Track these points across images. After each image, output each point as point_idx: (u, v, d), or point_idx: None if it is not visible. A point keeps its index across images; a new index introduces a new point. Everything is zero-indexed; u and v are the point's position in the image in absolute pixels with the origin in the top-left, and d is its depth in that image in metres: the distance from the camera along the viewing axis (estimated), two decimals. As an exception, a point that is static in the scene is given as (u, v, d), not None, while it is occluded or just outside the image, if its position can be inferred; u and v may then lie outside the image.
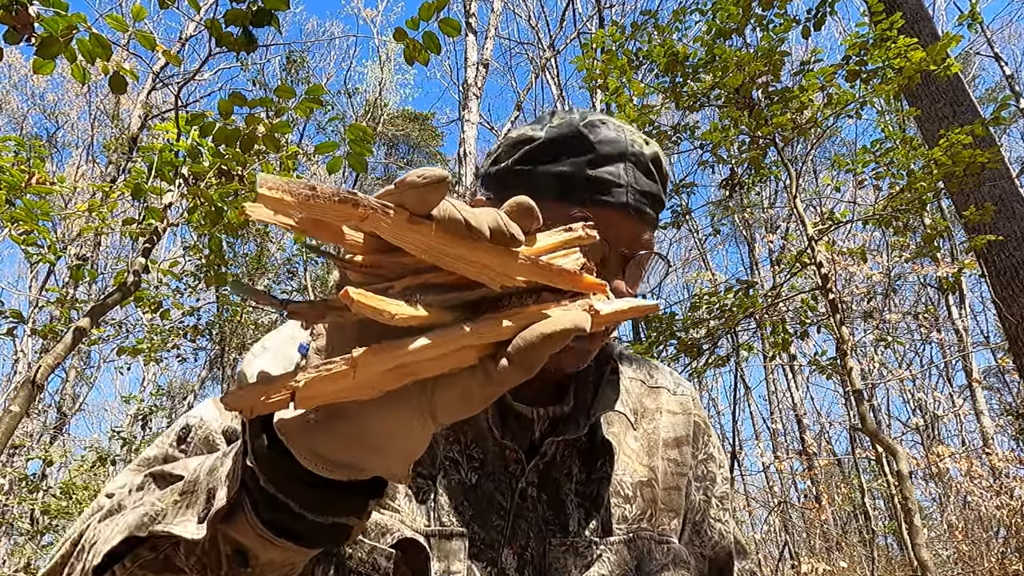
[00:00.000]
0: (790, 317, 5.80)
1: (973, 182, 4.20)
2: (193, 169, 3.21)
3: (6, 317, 3.62)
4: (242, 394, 0.35)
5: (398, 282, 0.37)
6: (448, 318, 0.38)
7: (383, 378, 0.35)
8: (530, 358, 0.37)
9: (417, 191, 0.34)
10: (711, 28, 4.13)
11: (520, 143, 0.73)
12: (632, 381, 0.85)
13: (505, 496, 0.71)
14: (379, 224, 0.34)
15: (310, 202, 0.32)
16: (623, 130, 0.72)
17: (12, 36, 2.08)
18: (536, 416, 0.74)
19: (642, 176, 0.71)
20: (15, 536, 9.98)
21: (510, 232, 0.37)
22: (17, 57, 15.29)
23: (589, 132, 0.70)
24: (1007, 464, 7.53)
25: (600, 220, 0.66)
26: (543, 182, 0.70)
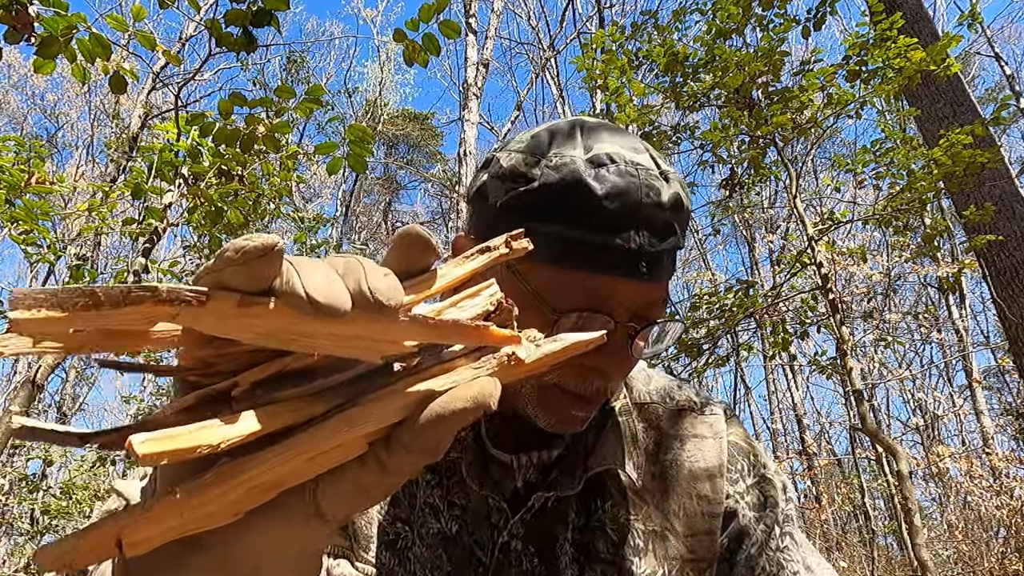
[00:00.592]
0: (790, 317, 5.81)
1: (973, 182, 4.20)
2: (193, 169, 3.21)
3: (6, 317, 3.62)
4: (55, 550, 0.27)
5: (242, 377, 0.29)
6: (318, 409, 0.30)
7: (236, 502, 0.28)
8: (428, 443, 0.31)
9: (242, 269, 0.26)
10: (711, 28, 4.13)
11: (511, 180, 0.61)
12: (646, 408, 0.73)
13: (484, 550, 0.63)
14: (197, 318, 0.26)
15: (91, 312, 0.24)
16: (637, 170, 0.58)
17: (12, 36, 2.08)
18: (517, 464, 0.66)
19: (657, 236, 0.58)
20: (15, 536, 9.98)
21: (375, 299, 0.29)
22: (17, 57, 15.29)
23: (594, 178, 0.57)
24: (1007, 464, 7.53)
25: (606, 288, 0.57)
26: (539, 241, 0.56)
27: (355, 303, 0.28)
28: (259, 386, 0.30)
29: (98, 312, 0.24)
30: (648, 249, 0.58)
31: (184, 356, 0.29)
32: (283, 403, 0.30)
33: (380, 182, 19.94)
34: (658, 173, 0.60)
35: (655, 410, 0.73)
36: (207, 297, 0.26)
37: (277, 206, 4.51)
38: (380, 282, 0.29)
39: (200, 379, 0.30)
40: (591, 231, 0.57)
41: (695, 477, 0.69)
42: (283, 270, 0.28)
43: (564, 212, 0.58)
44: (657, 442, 0.71)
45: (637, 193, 0.58)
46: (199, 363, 0.30)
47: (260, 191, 3.63)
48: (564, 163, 0.59)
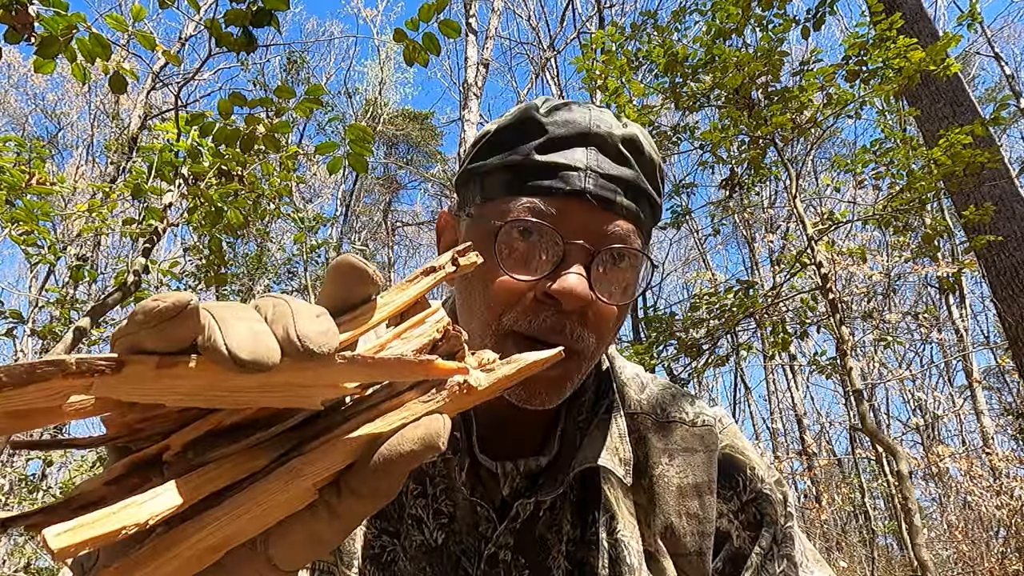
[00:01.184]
0: (790, 317, 5.81)
1: (973, 182, 4.20)
2: (193, 169, 3.21)
3: (6, 318, 3.62)
4: None
5: (172, 439, 0.28)
6: (259, 462, 0.29)
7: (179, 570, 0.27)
8: (379, 488, 0.30)
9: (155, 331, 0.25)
10: (710, 28, 4.13)
11: (476, 141, 0.64)
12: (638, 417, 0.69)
13: (471, 561, 0.60)
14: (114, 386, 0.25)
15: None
16: (590, 110, 0.60)
17: (12, 36, 2.08)
18: (502, 472, 0.62)
19: (608, 159, 0.58)
20: (15, 536, 9.98)
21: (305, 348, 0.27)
22: (17, 57, 15.29)
23: (544, 116, 0.60)
24: (1007, 464, 7.53)
25: (555, 211, 0.56)
26: (492, 179, 0.61)
27: (284, 352, 0.27)
28: (192, 446, 0.28)
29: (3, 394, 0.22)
30: (596, 170, 0.57)
31: (108, 422, 0.27)
32: (219, 462, 0.28)
33: (380, 182, 19.94)
34: (614, 118, 0.61)
35: (644, 421, 0.69)
36: (123, 363, 0.24)
37: (277, 206, 4.51)
38: (310, 327, 0.28)
39: (129, 444, 0.28)
40: (537, 153, 0.58)
41: (683, 494, 0.65)
42: (204, 324, 0.26)
43: (515, 143, 0.60)
44: (646, 456, 0.67)
45: (586, 122, 0.59)
46: (124, 429, 0.28)
47: (260, 191, 3.63)
48: (519, 110, 0.62)
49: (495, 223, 0.58)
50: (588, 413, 0.66)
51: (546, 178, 0.57)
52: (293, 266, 9.84)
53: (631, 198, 0.59)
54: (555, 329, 0.56)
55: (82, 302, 6.97)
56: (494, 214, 0.59)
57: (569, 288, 0.55)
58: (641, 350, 5.02)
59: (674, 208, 5.85)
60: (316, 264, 10.49)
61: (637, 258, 0.60)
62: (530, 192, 0.58)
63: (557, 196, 0.57)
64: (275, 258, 10.24)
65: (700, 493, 0.65)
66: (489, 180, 0.61)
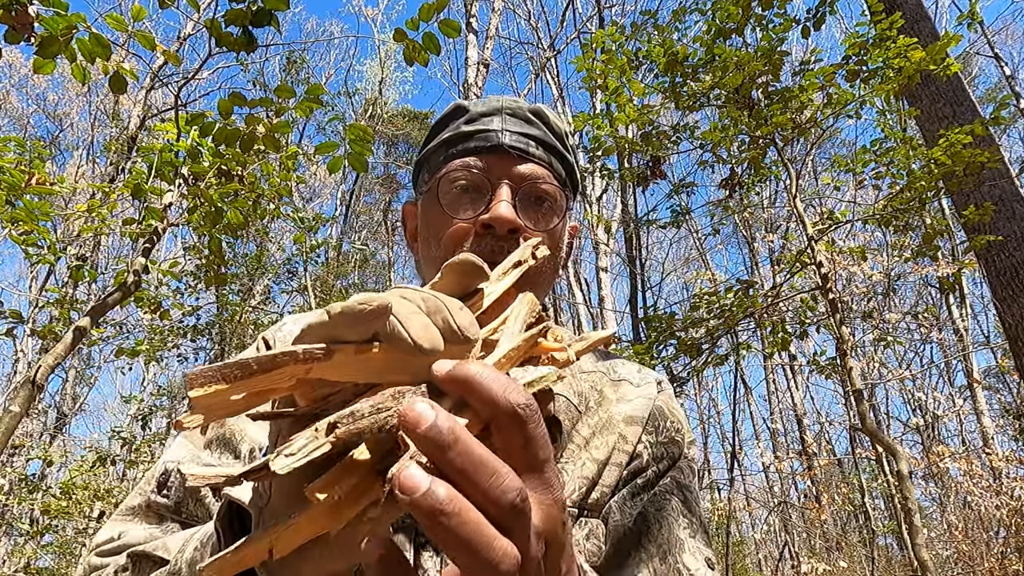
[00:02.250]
0: (790, 317, 5.80)
1: (973, 182, 4.20)
2: (193, 169, 3.21)
3: (6, 318, 3.62)
4: (219, 563, 0.33)
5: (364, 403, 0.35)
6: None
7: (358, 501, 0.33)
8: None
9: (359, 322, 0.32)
10: (711, 28, 4.13)
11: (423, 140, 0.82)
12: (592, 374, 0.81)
13: None
14: (326, 369, 0.32)
15: (249, 380, 0.30)
16: (503, 98, 0.77)
17: (12, 36, 2.08)
18: None
19: (517, 122, 0.75)
20: (15, 536, 9.98)
21: (464, 335, 0.35)
22: (17, 57, 15.29)
23: (468, 104, 0.77)
24: (1007, 464, 7.53)
25: (481, 165, 0.72)
26: (433, 157, 0.78)
27: (446, 339, 0.34)
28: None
29: (252, 379, 0.30)
30: (509, 129, 0.74)
31: (303, 397, 0.34)
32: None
33: (380, 181, 19.94)
34: (525, 103, 0.78)
35: (599, 377, 0.82)
36: (332, 351, 0.32)
37: (277, 206, 4.51)
38: (463, 318, 0.35)
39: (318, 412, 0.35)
40: (465, 125, 0.75)
41: (621, 421, 0.78)
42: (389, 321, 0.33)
43: (446, 124, 0.78)
44: (599, 402, 0.79)
45: (499, 101, 0.77)
46: (317, 402, 0.35)
47: (260, 191, 3.63)
48: (452, 104, 0.80)
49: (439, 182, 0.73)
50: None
51: (472, 141, 0.74)
52: (293, 266, 9.84)
53: (545, 150, 0.76)
54: (496, 251, 0.69)
55: (82, 302, 6.97)
56: (437, 181, 0.75)
57: (498, 214, 0.69)
58: (641, 350, 5.02)
59: (674, 208, 5.85)
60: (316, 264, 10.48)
61: (556, 200, 0.75)
62: (461, 154, 0.74)
63: (482, 153, 0.73)
64: (275, 258, 10.25)
65: (633, 423, 0.78)
66: (431, 160, 0.78)
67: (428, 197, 0.77)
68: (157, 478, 0.67)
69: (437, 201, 0.73)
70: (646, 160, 4.93)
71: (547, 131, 0.77)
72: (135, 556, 0.59)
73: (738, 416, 15.79)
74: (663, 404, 0.83)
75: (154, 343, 7.42)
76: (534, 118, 0.77)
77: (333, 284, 9.51)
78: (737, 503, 10.46)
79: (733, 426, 8.76)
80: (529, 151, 0.74)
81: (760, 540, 11.54)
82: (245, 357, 0.30)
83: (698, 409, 15.67)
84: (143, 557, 0.58)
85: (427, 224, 0.77)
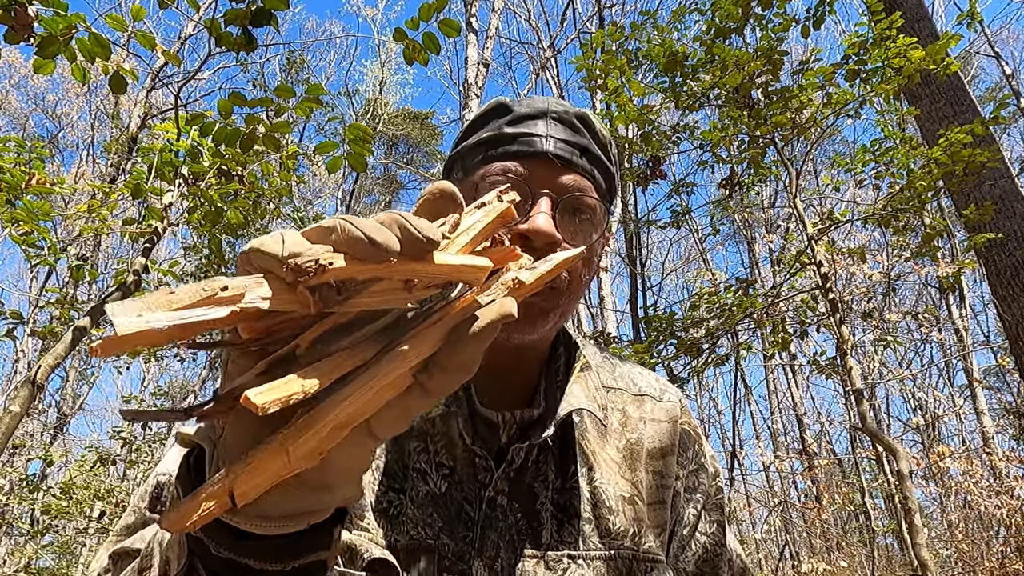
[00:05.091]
0: (790, 317, 5.80)
1: (973, 181, 4.20)
2: (193, 169, 3.21)
3: (6, 318, 3.62)
4: (178, 514, 0.33)
5: (301, 338, 0.35)
6: (369, 353, 0.36)
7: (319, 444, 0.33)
8: (463, 361, 0.37)
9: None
10: (710, 28, 4.13)
11: (458, 135, 0.78)
12: (612, 392, 0.81)
13: (473, 506, 0.68)
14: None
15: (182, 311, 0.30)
16: (548, 100, 0.73)
17: (12, 36, 2.08)
18: (502, 421, 0.71)
19: (563, 128, 0.72)
20: (15, 536, 9.98)
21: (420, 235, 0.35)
22: (17, 57, 15.30)
23: (511, 103, 0.74)
24: (1007, 464, 7.53)
25: (526, 171, 0.69)
26: (470, 155, 0.74)
27: (402, 243, 0.34)
28: (318, 341, 0.35)
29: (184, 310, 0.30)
30: (554, 136, 0.71)
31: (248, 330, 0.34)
32: (340, 352, 0.35)
33: (380, 182, 19.94)
34: (571, 106, 0.74)
35: (621, 395, 0.81)
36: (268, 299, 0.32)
37: (277, 206, 4.51)
38: (421, 223, 0.35)
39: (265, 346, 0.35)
40: (508, 126, 0.72)
41: (652, 456, 0.78)
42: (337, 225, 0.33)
43: (488, 122, 0.74)
44: (623, 423, 0.79)
45: (544, 103, 0.73)
46: (263, 333, 0.34)
47: (260, 191, 3.63)
48: (492, 100, 0.76)
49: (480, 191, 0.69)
50: (563, 374, 0.77)
51: (514, 145, 0.70)
52: (293, 266, 9.84)
53: (588, 160, 0.72)
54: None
55: (82, 302, 6.97)
56: (474, 179, 0.72)
57: (537, 227, 0.66)
58: (641, 349, 5.02)
59: (674, 208, 5.85)
60: (316, 264, 10.45)
61: (595, 213, 0.73)
62: (501, 158, 0.70)
63: (523, 158, 0.70)
64: (275, 258, 10.23)
65: (664, 455, 0.79)
66: (468, 157, 0.74)
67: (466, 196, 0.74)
68: (150, 493, 0.66)
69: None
70: (646, 160, 4.92)
71: (592, 140, 0.74)
72: (115, 555, 0.58)
73: (738, 416, 15.78)
74: (688, 427, 0.83)
75: (154, 343, 7.40)
76: (580, 125, 0.73)
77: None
78: (737, 503, 10.46)
79: (733, 426, 8.77)
80: (573, 161, 0.71)
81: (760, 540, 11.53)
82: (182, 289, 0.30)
83: (698, 409, 15.67)
84: (123, 555, 0.58)
85: None
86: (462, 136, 0.77)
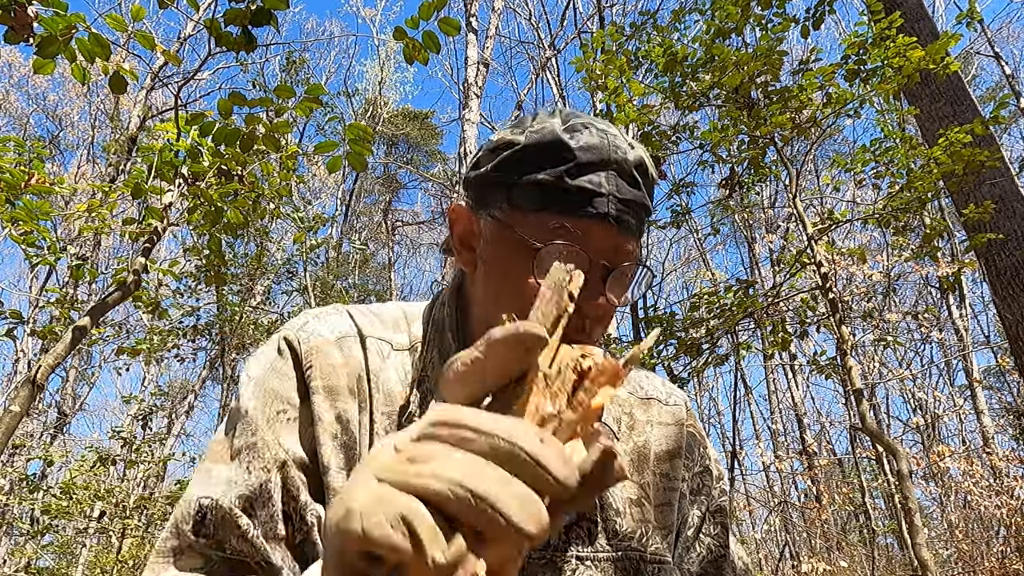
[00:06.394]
0: (790, 317, 5.80)
1: (972, 181, 4.19)
2: (193, 169, 3.21)
3: (6, 318, 3.62)
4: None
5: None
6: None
7: None
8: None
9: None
10: (710, 28, 4.13)
11: (500, 148, 0.71)
12: (618, 396, 0.83)
13: None
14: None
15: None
16: (606, 135, 0.70)
17: (12, 36, 2.08)
18: None
19: (625, 184, 0.69)
20: (15, 536, 9.98)
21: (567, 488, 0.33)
22: (17, 57, 15.30)
23: (570, 138, 0.68)
24: (1007, 464, 7.53)
25: (581, 231, 0.67)
26: (522, 192, 0.69)
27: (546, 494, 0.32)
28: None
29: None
30: (617, 195, 0.68)
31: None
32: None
33: (380, 181, 19.94)
34: (625, 142, 0.71)
35: (628, 399, 0.83)
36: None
37: (277, 206, 4.51)
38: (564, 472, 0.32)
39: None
40: (568, 177, 0.67)
41: (659, 459, 0.80)
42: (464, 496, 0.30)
43: (544, 163, 0.68)
44: (630, 426, 0.81)
45: (606, 149, 0.68)
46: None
47: (260, 191, 3.63)
48: (544, 127, 0.70)
49: (529, 239, 0.67)
50: None
51: (575, 200, 0.67)
52: (293, 266, 9.84)
53: (639, 217, 0.71)
54: (578, 328, 0.67)
55: (82, 302, 6.97)
56: (524, 225, 0.68)
57: (596, 306, 0.67)
58: (641, 350, 5.01)
59: (674, 208, 5.84)
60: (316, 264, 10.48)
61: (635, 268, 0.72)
62: (559, 210, 0.67)
63: (584, 218, 0.67)
64: (275, 258, 10.25)
65: (671, 457, 0.81)
66: (518, 192, 0.69)
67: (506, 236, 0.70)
68: (193, 518, 0.65)
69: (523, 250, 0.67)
70: (646, 160, 4.91)
71: (645, 191, 0.71)
72: None
73: (738, 416, 15.80)
74: (694, 430, 0.85)
75: (154, 343, 7.42)
76: (638, 176, 0.70)
77: (333, 284, 9.52)
78: (737, 503, 10.45)
79: (733, 426, 8.77)
80: (630, 223, 0.69)
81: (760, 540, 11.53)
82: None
83: (698, 409, 15.66)
84: None
85: (499, 264, 0.71)
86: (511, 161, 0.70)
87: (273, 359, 0.71)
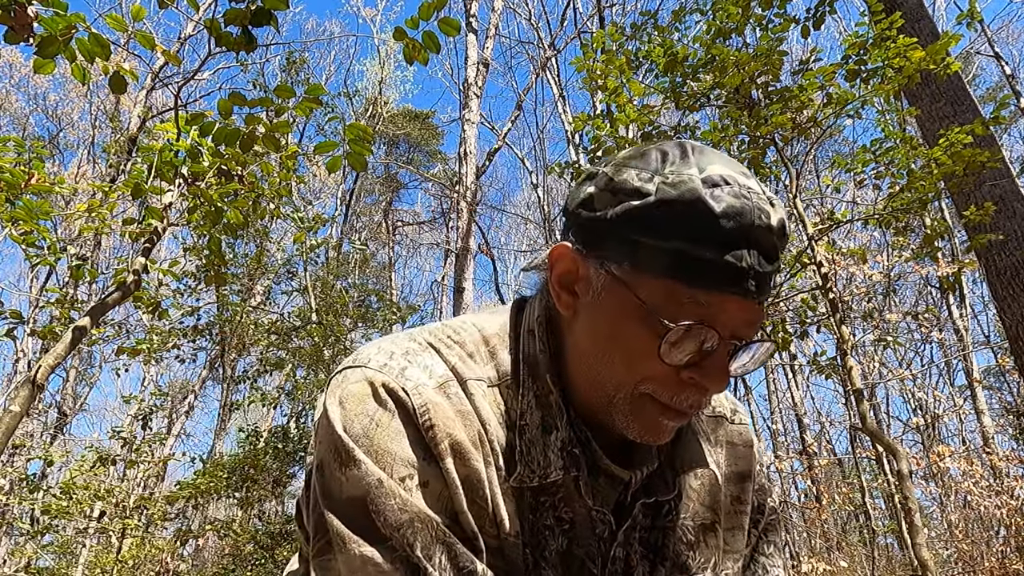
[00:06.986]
0: (790, 317, 5.80)
1: (973, 181, 4.19)
2: (193, 169, 3.20)
3: (6, 318, 3.62)
4: None
5: None
6: None
7: None
8: None
9: None
10: (711, 28, 4.13)
11: (625, 194, 0.62)
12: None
13: (595, 563, 0.69)
14: None
15: None
16: (750, 193, 0.61)
17: (12, 36, 2.08)
18: (634, 480, 0.72)
19: (766, 257, 0.61)
20: (15, 536, 9.98)
21: None
22: (17, 57, 15.30)
23: (711, 199, 0.59)
24: (1007, 464, 7.53)
25: (714, 306, 0.60)
26: (651, 255, 0.61)
27: None
28: None
29: None
30: (758, 269, 0.60)
31: None
32: None
33: (380, 181, 19.93)
34: (767, 198, 0.62)
35: (700, 417, 0.81)
36: None
37: (277, 206, 4.51)
38: None
39: None
40: (707, 248, 0.59)
41: (729, 480, 0.78)
42: None
43: (682, 228, 0.60)
44: (702, 447, 0.79)
45: (751, 215, 0.60)
46: None
47: (260, 191, 3.63)
48: (681, 180, 0.60)
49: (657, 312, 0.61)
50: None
51: (712, 274, 0.60)
52: (293, 266, 9.84)
53: (772, 283, 0.65)
54: (695, 405, 0.65)
55: (82, 302, 6.97)
56: (649, 291, 0.61)
57: (722, 385, 0.63)
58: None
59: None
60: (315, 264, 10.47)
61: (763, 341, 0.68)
62: (693, 282, 0.60)
63: (720, 292, 0.60)
64: (275, 258, 10.24)
65: (742, 479, 0.79)
66: (645, 253, 0.61)
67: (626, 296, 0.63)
68: None
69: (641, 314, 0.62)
70: (646, 160, 4.91)
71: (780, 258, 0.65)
72: None
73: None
74: (758, 451, 0.84)
75: (154, 343, 7.42)
76: (779, 244, 0.63)
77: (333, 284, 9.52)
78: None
79: (733, 426, 8.73)
80: (764, 295, 0.63)
81: (760, 540, 11.53)
82: None
83: (698, 409, 15.66)
84: None
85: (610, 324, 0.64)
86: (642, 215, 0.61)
87: (375, 413, 0.63)
